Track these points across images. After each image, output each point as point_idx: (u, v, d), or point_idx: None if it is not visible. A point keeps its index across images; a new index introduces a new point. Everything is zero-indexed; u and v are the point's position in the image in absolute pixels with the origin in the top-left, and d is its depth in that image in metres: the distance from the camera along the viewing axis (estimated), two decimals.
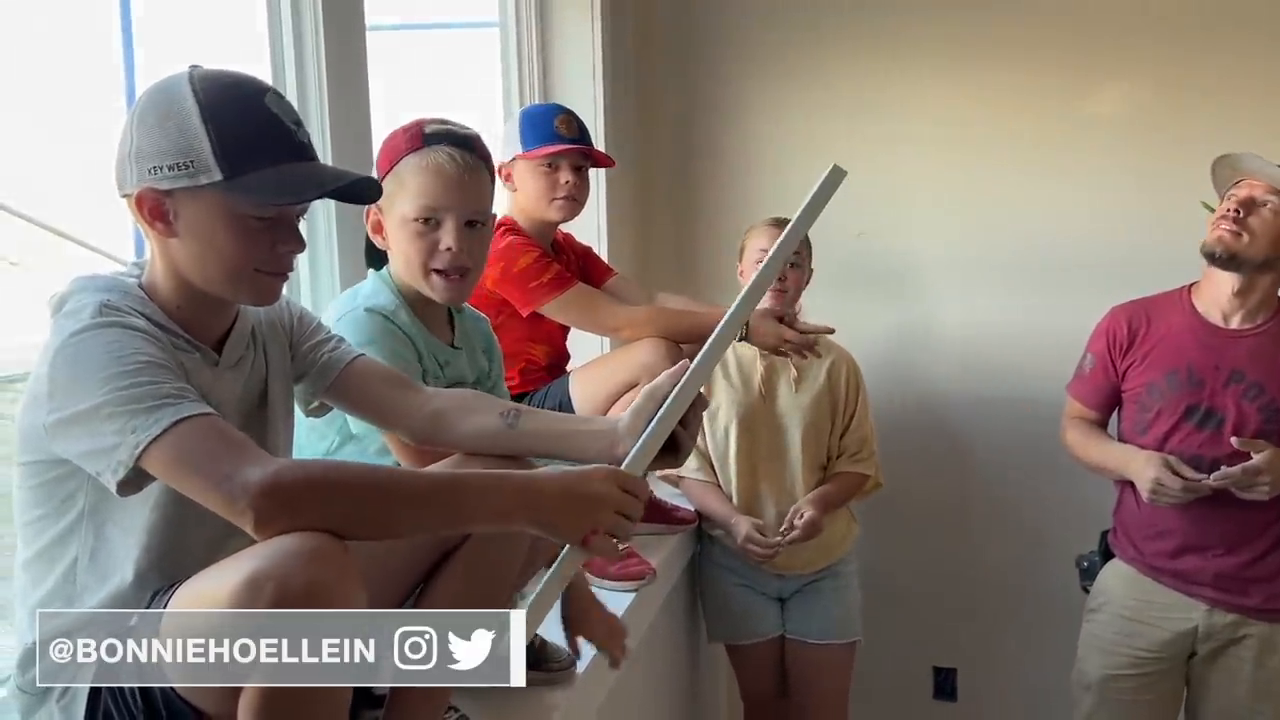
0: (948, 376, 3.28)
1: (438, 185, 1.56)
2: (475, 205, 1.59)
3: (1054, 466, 2.95)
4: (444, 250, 1.57)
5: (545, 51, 2.92)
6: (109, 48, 1.89)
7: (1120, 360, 2.47)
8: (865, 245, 3.25)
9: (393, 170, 1.59)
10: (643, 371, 2.13)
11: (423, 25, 2.97)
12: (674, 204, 3.37)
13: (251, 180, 1.16)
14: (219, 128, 1.15)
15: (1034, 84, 3.12)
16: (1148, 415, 2.41)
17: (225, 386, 1.27)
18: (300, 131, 1.21)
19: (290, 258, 1.24)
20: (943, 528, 3.35)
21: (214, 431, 1.09)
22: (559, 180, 2.23)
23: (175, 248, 1.21)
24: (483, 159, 1.61)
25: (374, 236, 1.66)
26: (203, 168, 1.15)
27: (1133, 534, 2.47)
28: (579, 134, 2.26)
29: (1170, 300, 2.47)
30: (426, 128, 1.59)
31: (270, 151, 1.17)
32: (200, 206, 1.18)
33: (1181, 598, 2.39)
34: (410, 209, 1.57)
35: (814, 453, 2.63)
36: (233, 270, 1.21)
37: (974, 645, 3.39)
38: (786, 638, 2.71)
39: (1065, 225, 3.14)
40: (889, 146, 3.20)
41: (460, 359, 1.70)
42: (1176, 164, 3.01)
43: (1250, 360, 2.34)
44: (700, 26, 3.26)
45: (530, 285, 2.15)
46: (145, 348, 1.13)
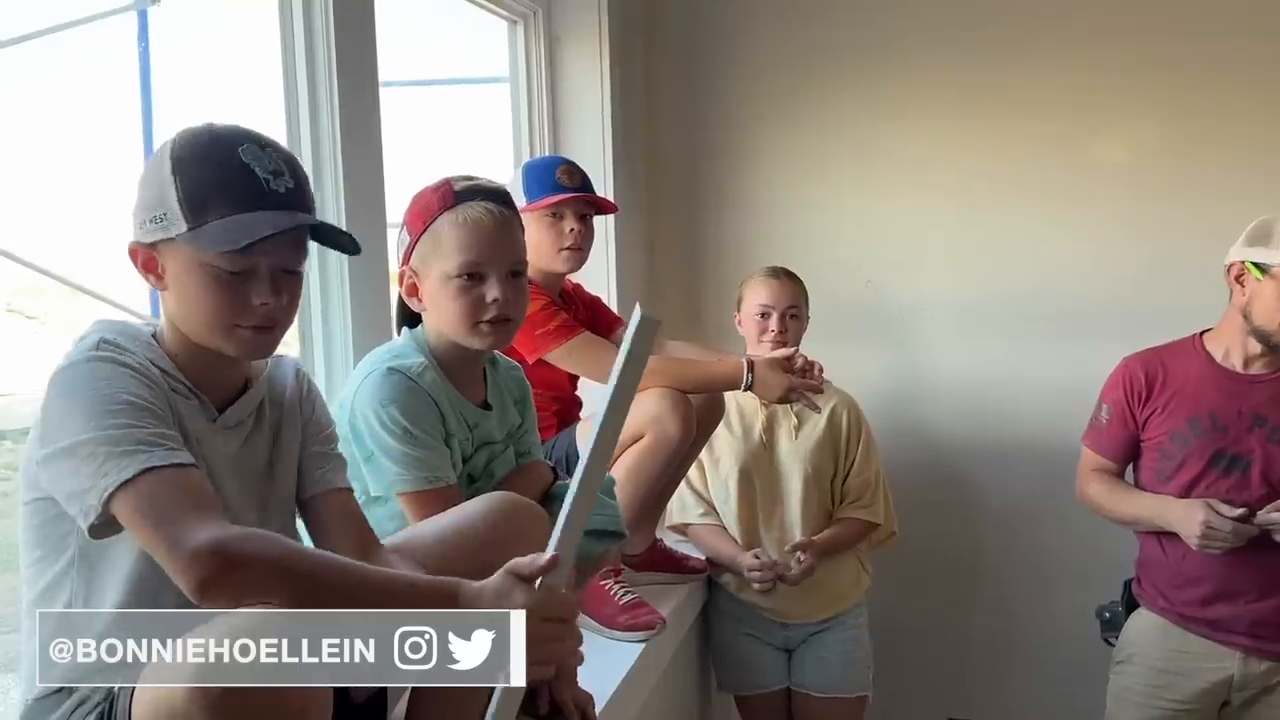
0: (955, 424, 3.28)
1: (479, 240, 1.57)
2: (515, 255, 1.61)
3: (1063, 514, 2.95)
4: (490, 302, 1.58)
5: (555, 105, 2.96)
6: (130, 106, 1.93)
7: (1139, 410, 2.45)
8: (872, 292, 3.27)
9: (428, 230, 1.59)
10: (650, 423, 2.15)
11: (435, 81, 3.02)
12: (682, 251, 3.40)
13: (213, 228, 1.17)
14: (185, 178, 1.18)
15: (1039, 133, 3.15)
16: (1171, 463, 2.39)
17: (221, 442, 1.27)
18: (277, 180, 1.20)
19: (267, 311, 1.22)
20: (955, 576, 3.33)
21: (179, 485, 1.09)
22: (564, 229, 2.25)
23: (168, 300, 1.24)
24: (513, 210, 1.63)
25: (409, 299, 1.65)
26: (173, 219, 1.18)
27: (1160, 583, 2.44)
28: (581, 183, 2.29)
29: (1183, 349, 2.46)
30: (456, 185, 1.60)
31: (231, 200, 1.18)
32: (178, 258, 1.21)
33: (1215, 646, 2.36)
34: (453, 266, 1.58)
35: (816, 499, 2.63)
36: (211, 322, 1.22)
37: (989, 696, 3.36)
38: (793, 690, 2.69)
39: (1070, 273, 3.15)
40: (895, 194, 3.23)
41: (490, 420, 1.70)
42: (1179, 212, 3.06)
43: (1271, 405, 2.34)
44: (707, 75, 3.31)
45: (537, 333, 2.16)
46: (133, 386, 1.14)
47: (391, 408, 1.54)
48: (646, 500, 2.28)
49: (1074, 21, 3.08)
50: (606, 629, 2.11)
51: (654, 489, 2.28)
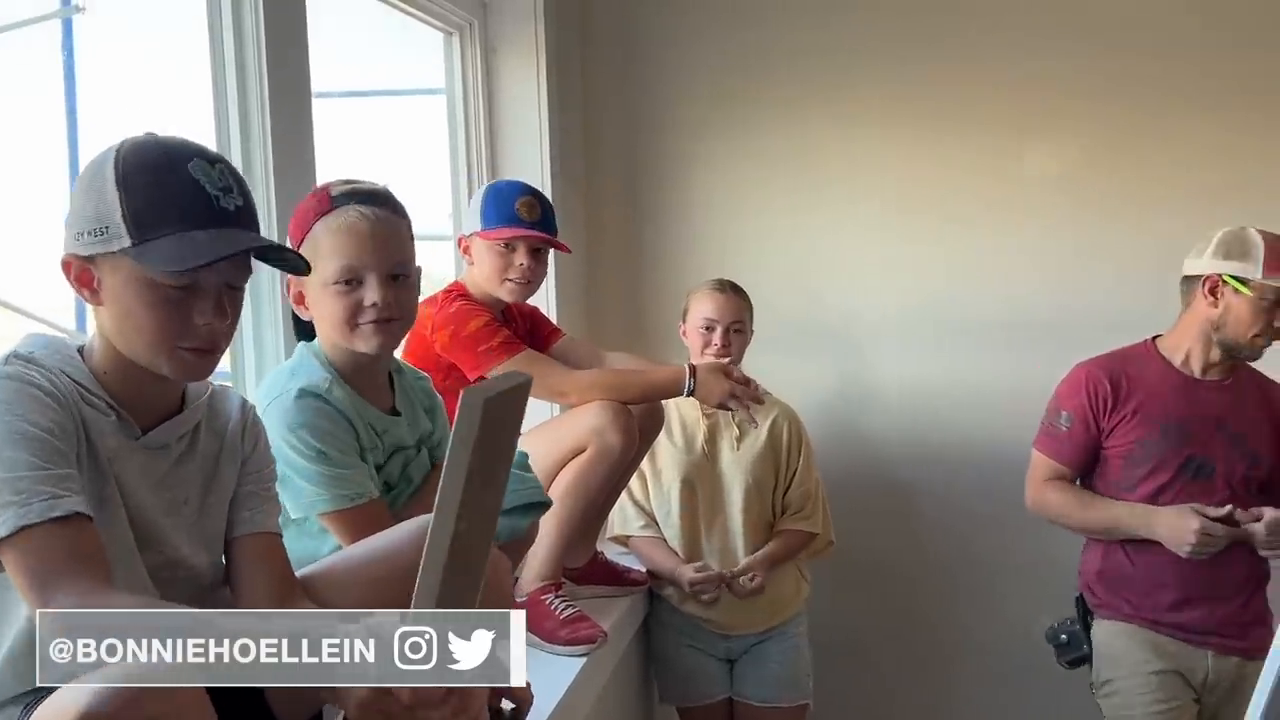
0: (893, 432, 3.32)
1: (354, 244, 1.53)
2: (395, 258, 1.57)
3: (1002, 520, 3.00)
4: (369, 307, 1.55)
5: (492, 116, 2.95)
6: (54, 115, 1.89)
7: (1105, 418, 2.44)
8: (810, 304, 3.30)
9: (306, 237, 1.57)
10: (591, 435, 2.15)
11: (371, 92, 2.98)
12: (622, 259, 3.40)
13: (159, 245, 1.14)
14: (130, 193, 1.15)
15: (976, 143, 3.21)
16: (1139, 470, 2.41)
17: (142, 461, 1.24)
18: (227, 198, 1.18)
19: (211, 332, 1.20)
20: (893, 584, 3.36)
21: (53, 544, 1.06)
22: (514, 262, 2.22)
23: (103, 315, 1.21)
24: (395, 211, 1.59)
25: (297, 309, 1.63)
26: (116, 233, 1.15)
27: (1127, 592, 2.44)
28: (541, 217, 2.24)
29: (1140, 355, 2.49)
30: (333, 189, 1.57)
31: (180, 218, 1.15)
32: (118, 273, 1.17)
33: (1186, 647, 2.40)
34: (330, 272, 1.54)
35: (757, 511, 2.64)
36: (152, 342, 1.19)
37: (928, 702, 3.40)
38: (734, 700, 2.70)
39: (1008, 281, 3.21)
40: (834, 202, 3.27)
41: (400, 425, 1.68)
42: (1112, 221, 3.13)
43: (1231, 410, 2.41)
44: (645, 83, 3.31)
45: (479, 350, 2.14)
46: (32, 410, 1.11)
47: (302, 431, 1.51)
48: (588, 512, 2.28)
49: (1011, 33, 3.15)
50: (547, 644, 2.10)
51: (596, 501, 2.28)
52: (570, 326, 2.68)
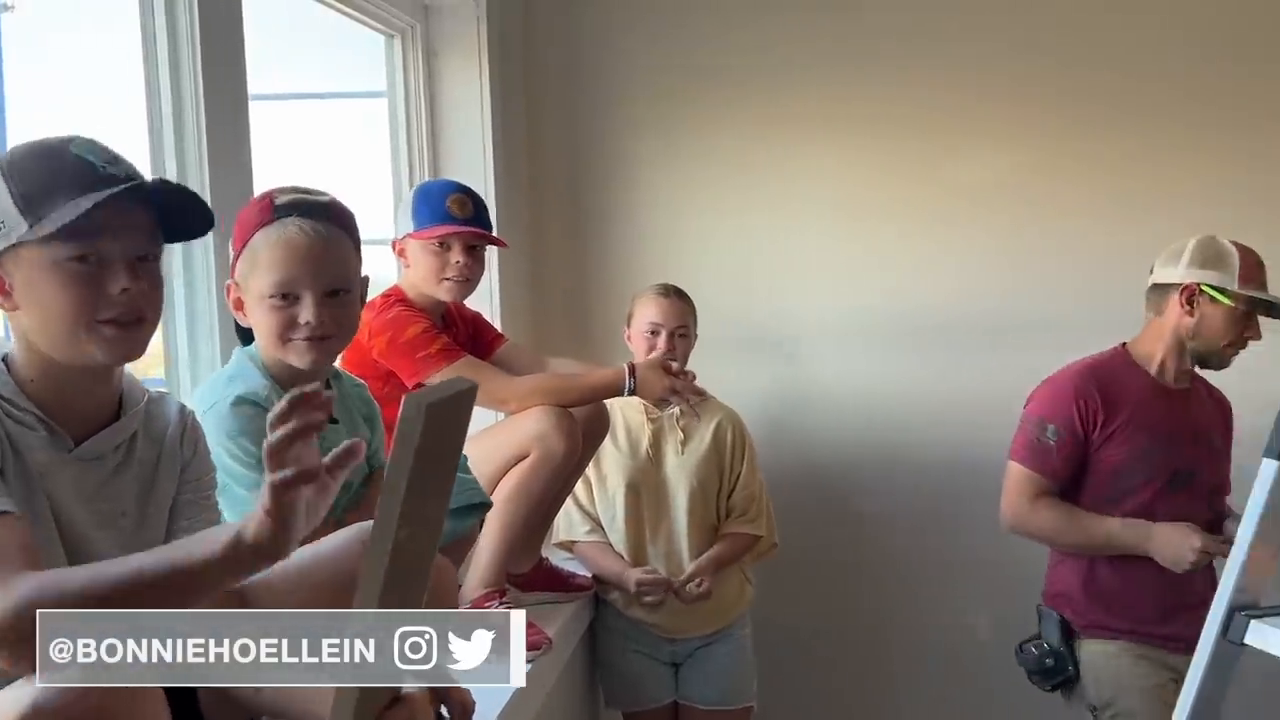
0: (835, 434, 3.34)
1: (291, 260, 1.51)
2: (332, 275, 1.55)
3: (942, 520, 3.04)
4: (303, 324, 1.53)
5: (434, 119, 2.93)
6: None
7: (1096, 431, 2.38)
8: (751, 307, 3.31)
9: (247, 246, 1.54)
10: (534, 441, 2.14)
11: (310, 95, 2.94)
12: (566, 267, 3.39)
13: (52, 218, 1.12)
14: (19, 180, 1.14)
15: (911, 149, 3.25)
16: (1129, 483, 2.38)
17: (75, 474, 1.20)
18: (114, 167, 1.16)
19: (130, 299, 1.17)
20: (836, 585, 3.38)
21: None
22: (449, 260, 2.20)
23: (19, 318, 1.18)
24: (340, 225, 1.57)
25: (236, 314, 1.61)
26: (13, 223, 1.13)
27: (1118, 605, 2.40)
28: (474, 213, 2.23)
29: (1120, 365, 2.45)
30: (277, 199, 1.55)
31: (68, 189, 1.13)
32: (24, 266, 1.15)
33: (1183, 657, 2.36)
34: (266, 285, 1.52)
35: (701, 514, 2.65)
36: (71, 323, 1.15)
37: (872, 702, 3.42)
38: (680, 704, 2.71)
39: (947, 287, 3.25)
40: (775, 207, 3.29)
41: (338, 433, 1.64)
42: (1036, 229, 3.18)
43: (1207, 416, 2.46)
44: (588, 85, 3.31)
45: (417, 356, 2.12)
46: None
47: (242, 439, 1.49)
48: (531, 518, 2.27)
49: (951, 40, 3.19)
50: None
51: (540, 507, 2.27)
52: (515, 330, 2.66)
